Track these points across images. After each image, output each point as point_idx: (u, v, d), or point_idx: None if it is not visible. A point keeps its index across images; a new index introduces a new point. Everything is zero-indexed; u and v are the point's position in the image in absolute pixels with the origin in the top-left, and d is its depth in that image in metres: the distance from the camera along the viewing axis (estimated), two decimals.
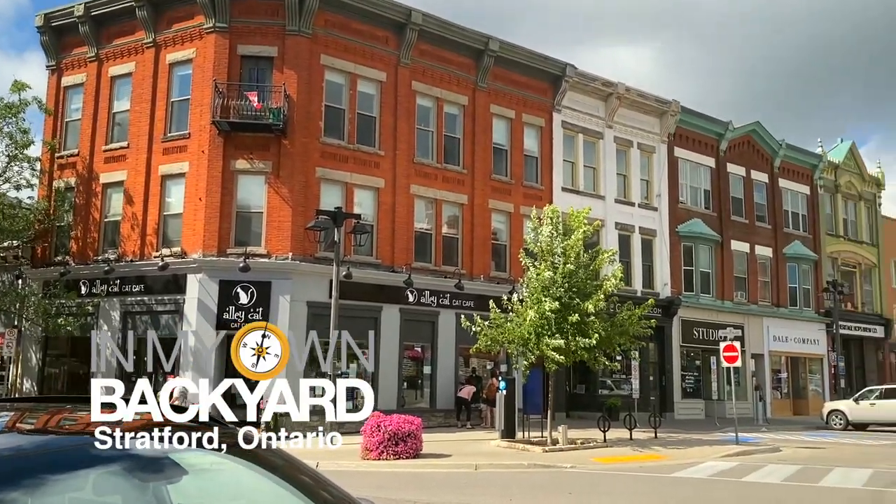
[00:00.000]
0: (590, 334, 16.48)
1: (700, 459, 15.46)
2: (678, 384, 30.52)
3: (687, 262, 31.94)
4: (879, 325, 40.12)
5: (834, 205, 39.67)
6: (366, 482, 12.26)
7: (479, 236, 25.10)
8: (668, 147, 31.90)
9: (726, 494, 11.15)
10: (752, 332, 33.20)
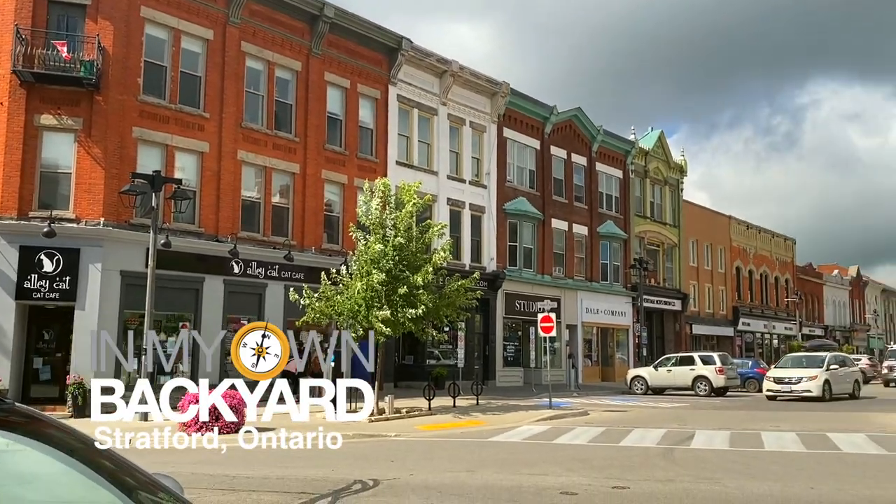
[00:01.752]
0: (417, 305, 16.82)
1: (516, 424, 16.35)
2: (500, 353, 32.00)
3: (512, 238, 33.39)
4: (678, 299, 44.33)
5: (643, 188, 43.10)
6: (184, 458, 11.78)
7: (311, 207, 24.69)
8: (498, 127, 33.01)
9: (538, 456, 11.89)
10: (567, 304, 35.44)
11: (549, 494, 8.41)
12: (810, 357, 27.82)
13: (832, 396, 24.38)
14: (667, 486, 9.01)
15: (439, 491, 8.61)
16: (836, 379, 25.13)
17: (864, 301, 76.52)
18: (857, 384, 26.82)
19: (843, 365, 26.90)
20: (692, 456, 11.72)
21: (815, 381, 24.19)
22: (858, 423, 17.22)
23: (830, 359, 26.29)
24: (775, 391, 24.96)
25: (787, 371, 25.64)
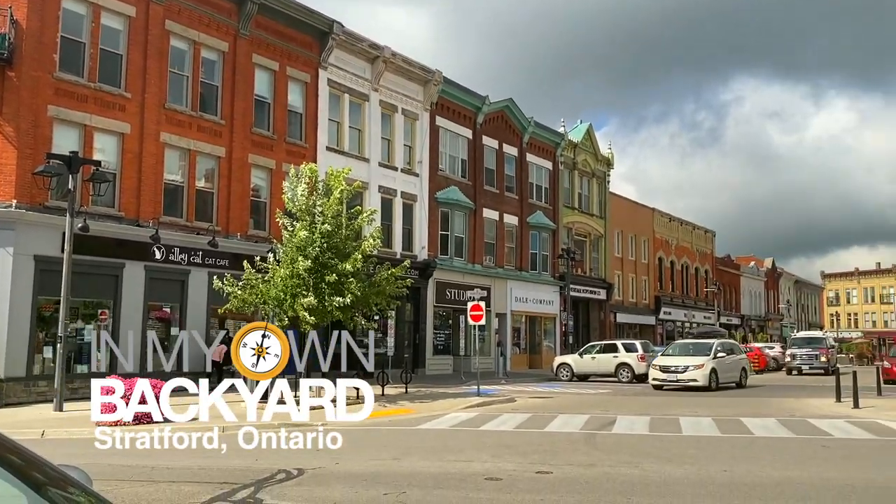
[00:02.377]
0: (345, 294, 16.68)
1: (444, 411, 16.44)
2: (431, 342, 32.09)
3: (443, 226, 33.48)
4: (603, 289, 45.39)
5: (571, 180, 43.87)
6: (100, 451, 11.39)
7: (237, 192, 24.13)
8: (431, 115, 32.96)
9: (464, 442, 11.98)
10: (497, 293, 35.82)
11: (473, 480, 8.49)
12: (697, 344, 26.88)
13: (718, 386, 23.57)
14: (589, 470, 9.22)
15: (365, 479, 8.58)
16: (722, 367, 24.33)
17: (779, 291, 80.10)
18: (744, 372, 26.25)
19: (731, 353, 26.10)
20: (614, 441, 12.03)
21: (702, 369, 23.23)
22: (771, 408, 18.04)
23: (718, 346, 25.32)
24: (661, 380, 23.83)
25: (673, 359, 24.60)
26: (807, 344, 38.58)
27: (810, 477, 8.78)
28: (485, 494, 7.73)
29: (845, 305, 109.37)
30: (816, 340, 39.66)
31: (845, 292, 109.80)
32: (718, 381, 23.67)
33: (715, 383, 23.40)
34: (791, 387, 26.67)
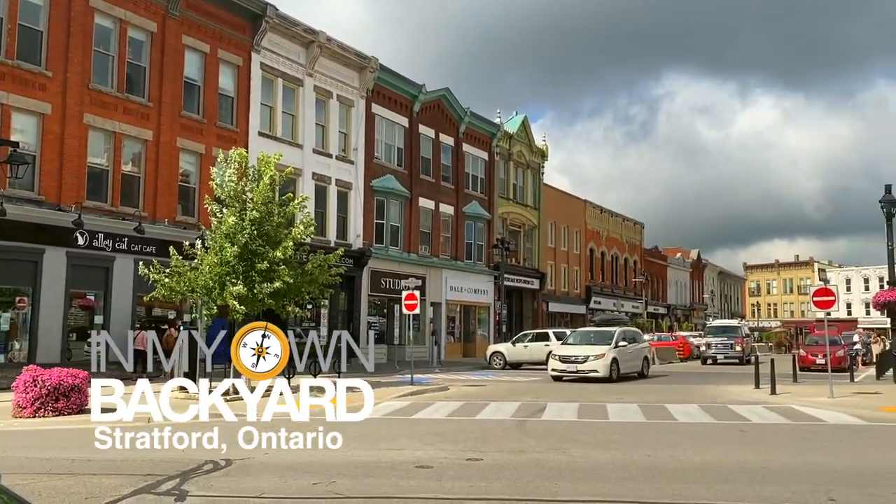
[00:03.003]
0: (276, 281, 16.43)
1: (377, 401, 16.37)
2: (365, 331, 31.93)
3: (379, 215, 33.33)
4: (536, 278, 46.06)
5: (507, 171, 44.27)
6: (15, 443, 10.96)
7: (165, 177, 23.46)
8: (367, 102, 32.70)
9: (396, 431, 12.00)
10: (432, 282, 35.93)
11: (404, 468, 8.52)
12: (599, 333, 25.55)
13: (619, 376, 22.57)
14: (518, 456, 9.37)
15: (294, 469, 8.50)
16: (624, 357, 23.29)
17: (703, 282, 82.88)
18: (646, 362, 25.28)
19: (634, 341, 25.05)
20: (543, 427, 12.26)
21: (603, 359, 22.13)
22: (694, 395, 18.67)
23: (620, 335, 24.08)
24: (560, 371, 22.54)
25: (573, 349, 23.35)
26: (722, 333, 37.39)
27: (729, 461, 9.14)
28: (415, 482, 7.77)
29: (766, 296, 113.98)
30: (731, 329, 38.29)
31: (766, 283, 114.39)
32: (619, 372, 22.65)
33: (616, 374, 22.36)
34: (707, 374, 27.60)
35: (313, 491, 7.34)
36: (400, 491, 7.34)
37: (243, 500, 6.92)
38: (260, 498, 7.01)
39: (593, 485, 7.69)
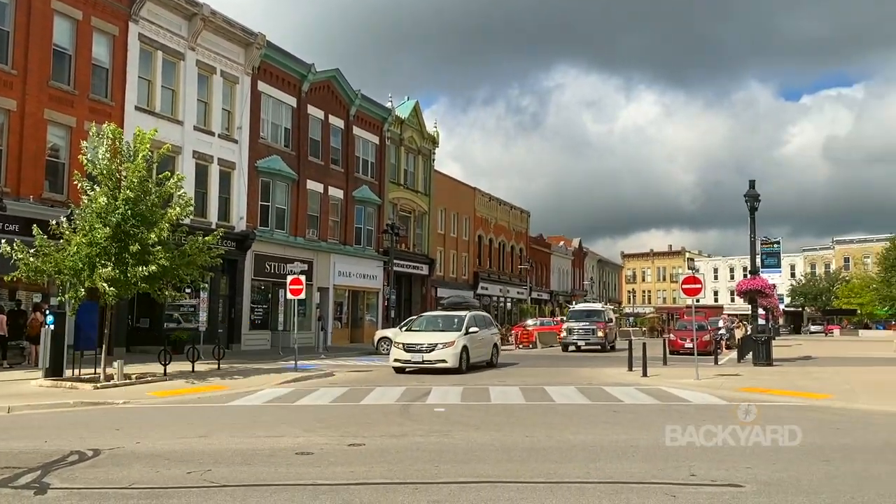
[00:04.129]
0: (151, 263, 15.68)
1: (259, 387, 16.04)
2: (247, 316, 31.14)
3: (264, 197, 32.46)
4: (425, 264, 46.35)
5: (398, 156, 44.18)
6: None
7: (31, 150, 21.86)
8: (252, 80, 31.70)
9: (277, 418, 11.78)
10: (320, 267, 35.43)
11: (284, 455, 8.37)
12: (447, 318, 22.70)
13: (469, 366, 20.54)
14: (400, 440, 9.40)
15: (167, 458, 8.16)
16: (474, 344, 21.17)
17: (584, 270, 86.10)
18: (495, 349, 23.30)
19: (484, 327, 22.84)
20: (426, 411, 12.36)
21: (452, 348, 19.85)
22: (571, 377, 19.40)
23: (470, 320, 21.74)
24: (404, 361, 20.05)
25: (419, 336, 20.92)
26: (585, 317, 34.76)
27: (601, 439, 9.54)
28: (294, 469, 7.65)
29: (641, 283, 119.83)
30: (595, 314, 35.46)
31: (641, 271, 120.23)
32: (469, 361, 20.61)
33: (466, 363, 20.25)
34: (560, 358, 28.76)
35: (187, 480, 7.07)
36: (279, 478, 7.20)
37: (110, 493, 6.56)
38: (129, 489, 6.67)
39: (474, 466, 7.83)
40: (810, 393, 15.22)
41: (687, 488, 6.50)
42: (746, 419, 10.61)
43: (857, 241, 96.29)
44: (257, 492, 6.61)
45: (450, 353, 19.83)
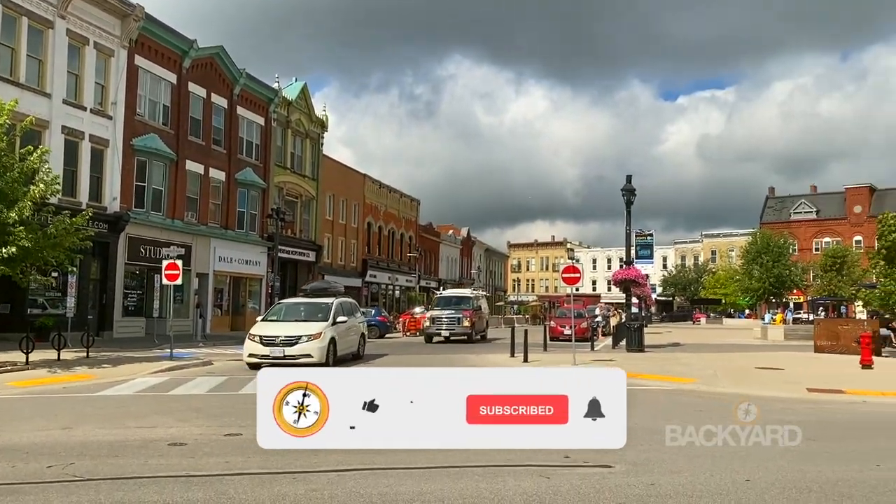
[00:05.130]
0: (11, 245, 14.59)
1: (130, 377, 15.30)
2: (120, 302, 29.60)
3: (140, 177, 30.90)
4: (312, 251, 45.63)
5: (284, 138, 43.14)
6: None
7: None
8: (129, 54, 30.02)
9: (150, 408, 11.27)
10: (199, 252, 34.13)
11: (155, 446, 8.02)
12: (311, 306, 19.86)
13: (336, 360, 18.23)
14: None
15: (26, 452, 7.64)
16: (342, 335, 18.93)
17: (472, 258, 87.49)
18: (362, 339, 21.41)
19: (351, 314, 20.79)
20: None
21: (318, 340, 17.53)
22: (455, 364, 19.68)
23: (337, 307, 19.33)
24: (260, 356, 17.11)
25: (279, 327, 18.25)
26: (452, 305, 31.49)
27: None
28: (165, 461, 7.34)
29: (525, 272, 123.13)
30: (463, 300, 32.08)
31: (526, 261, 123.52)
32: (337, 354, 18.31)
33: (333, 357, 17.97)
34: (462, 346, 29.27)
35: (47, 475, 6.63)
36: (149, 470, 6.89)
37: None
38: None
39: (356, 454, 7.73)
40: (678, 377, 16.14)
41: (561, 469, 6.72)
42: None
43: (723, 235, 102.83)
44: (125, 485, 6.30)
45: (316, 346, 17.35)
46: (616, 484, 6.28)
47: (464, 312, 30.50)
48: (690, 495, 5.97)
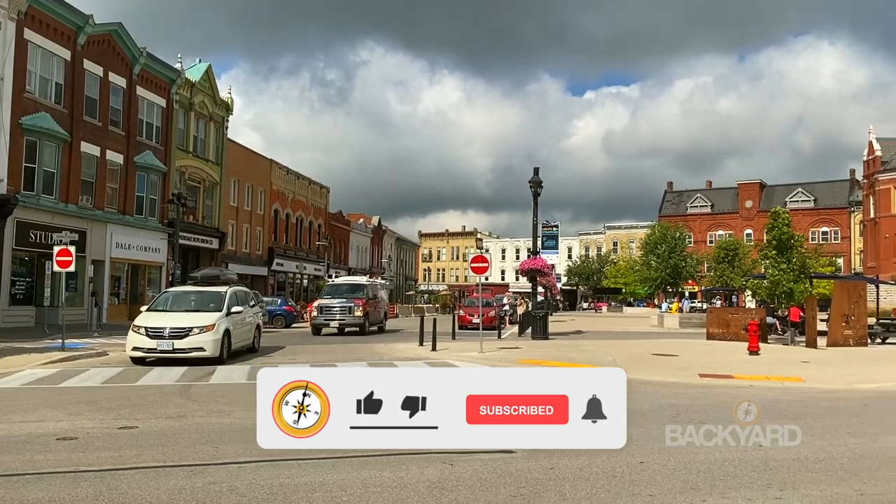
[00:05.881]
0: None
1: (18, 368, 14.46)
2: (7, 291, 27.89)
3: (30, 158, 29.18)
4: (216, 238, 44.32)
5: (187, 121, 41.64)
6: None
7: None
8: (18, 27, 28.21)
9: (37, 401, 10.67)
10: (95, 238, 32.59)
11: (42, 442, 7.62)
12: (202, 294, 17.89)
13: (230, 354, 16.73)
14: (177, 422, 8.94)
15: None
16: (237, 327, 17.35)
17: (383, 248, 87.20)
18: (258, 331, 19.72)
19: (247, 304, 19.04)
20: (209, 391, 11.87)
21: (212, 332, 15.83)
22: (363, 352, 19.64)
23: (232, 297, 17.71)
24: (147, 350, 15.65)
25: (166, 317, 16.39)
26: (343, 292, 29.00)
27: None
28: (54, 456, 6.99)
29: (436, 262, 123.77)
30: (357, 289, 29.76)
31: (437, 250, 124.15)
32: (231, 348, 16.84)
33: (227, 351, 16.47)
34: (369, 336, 29.20)
35: None
36: (34, 466, 6.54)
37: None
38: None
39: (256, 445, 7.60)
40: (578, 364, 16.64)
41: (464, 456, 6.81)
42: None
43: (624, 227, 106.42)
44: (7, 482, 5.96)
45: (209, 339, 15.74)
46: (517, 469, 6.42)
47: (356, 301, 28.14)
48: (587, 478, 6.18)
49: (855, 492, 5.87)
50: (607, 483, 6.05)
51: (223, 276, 20.06)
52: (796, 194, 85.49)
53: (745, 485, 6.00)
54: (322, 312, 28.27)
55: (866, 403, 11.26)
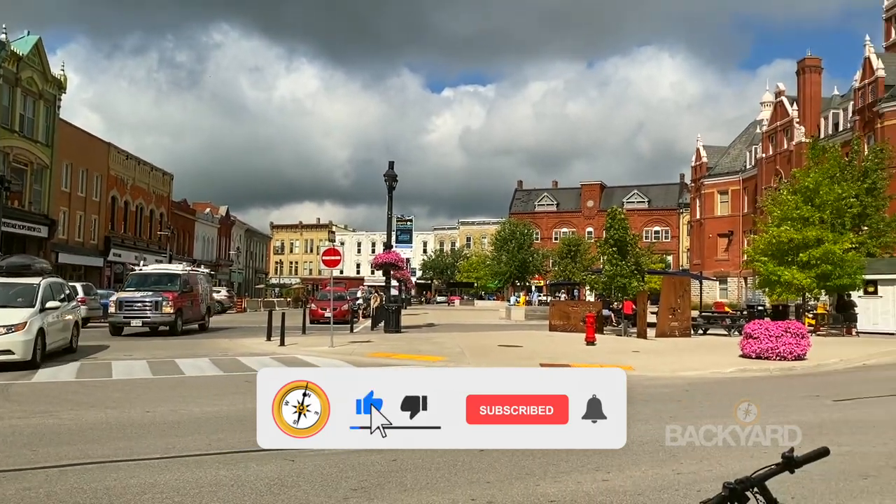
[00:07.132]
0: None
1: None
2: None
3: None
4: (45, 225, 40.91)
5: (13, 98, 38.11)
6: None
7: None
8: None
9: None
10: None
11: None
12: (9, 287, 15.07)
13: (45, 356, 14.35)
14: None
15: None
16: (53, 326, 14.99)
17: (231, 238, 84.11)
18: (76, 329, 17.23)
19: (64, 299, 16.42)
20: (31, 390, 10.98)
21: (23, 332, 13.41)
22: (206, 348, 18.85)
23: (46, 291, 15.18)
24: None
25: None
26: (150, 284, 24.33)
27: (230, 411, 9.44)
28: None
29: (289, 254, 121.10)
30: (168, 279, 24.84)
31: (290, 242, 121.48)
32: (46, 349, 14.47)
33: (41, 353, 14.03)
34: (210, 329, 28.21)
35: None
36: None
37: None
38: None
39: (81, 447, 7.14)
40: (427, 356, 16.91)
41: (306, 452, 6.71)
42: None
43: (477, 223, 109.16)
44: None
45: (19, 340, 13.29)
46: (360, 462, 6.42)
47: (165, 294, 23.39)
48: (429, 468, 6.28)
49: (672, 471, 6.37)
50: (447, 472, 6.18)
51: (35, 265, 17.03)
52: (633, 195, 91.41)
53: (575, 468, 6.34)
54: (121, 308, 23.28)
55: (687, 389, 12.25)
